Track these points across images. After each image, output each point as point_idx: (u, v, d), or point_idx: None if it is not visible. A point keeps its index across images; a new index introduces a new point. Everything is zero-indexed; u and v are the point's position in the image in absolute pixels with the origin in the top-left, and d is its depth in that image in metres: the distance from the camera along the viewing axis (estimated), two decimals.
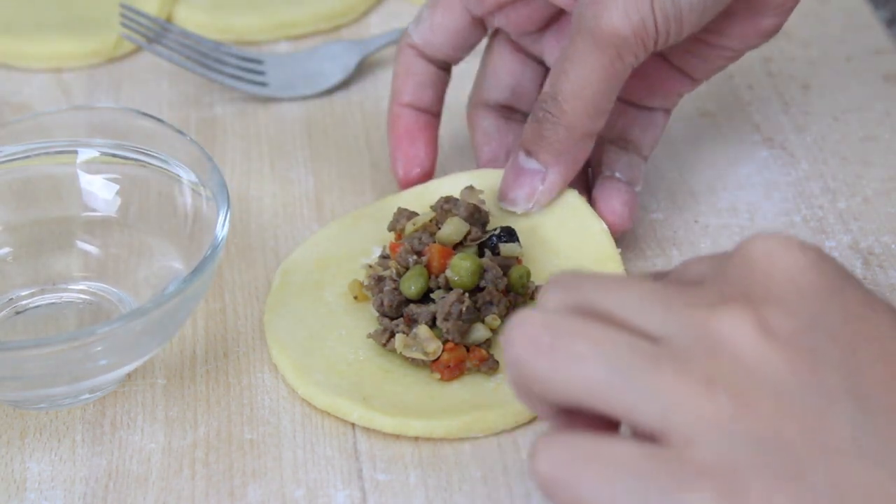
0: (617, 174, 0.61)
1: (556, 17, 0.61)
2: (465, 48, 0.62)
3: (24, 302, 0.58)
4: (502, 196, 0.59)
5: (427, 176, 0.62)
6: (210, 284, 0.56)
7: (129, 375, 0.56)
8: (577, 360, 0.41)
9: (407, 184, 0.62)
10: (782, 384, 0.40)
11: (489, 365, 0.54)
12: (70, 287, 0.58)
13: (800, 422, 0.39)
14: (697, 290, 0.42)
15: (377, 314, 0.56)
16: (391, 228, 0.58)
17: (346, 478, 0.52)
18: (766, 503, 0.39)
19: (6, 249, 0.59)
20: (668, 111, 0.62)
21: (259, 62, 0.72)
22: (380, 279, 0.56)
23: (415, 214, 0.58)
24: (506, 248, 0.57)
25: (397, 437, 0.53)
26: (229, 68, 0.71)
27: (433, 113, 0.63)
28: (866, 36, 0.74)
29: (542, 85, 0.62)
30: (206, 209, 0.56)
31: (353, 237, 0.60)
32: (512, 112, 0.63)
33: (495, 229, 0.57)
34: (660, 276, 0.46)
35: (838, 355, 0.41)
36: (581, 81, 0.55)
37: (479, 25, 0.62)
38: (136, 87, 0.73)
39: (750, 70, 0.72)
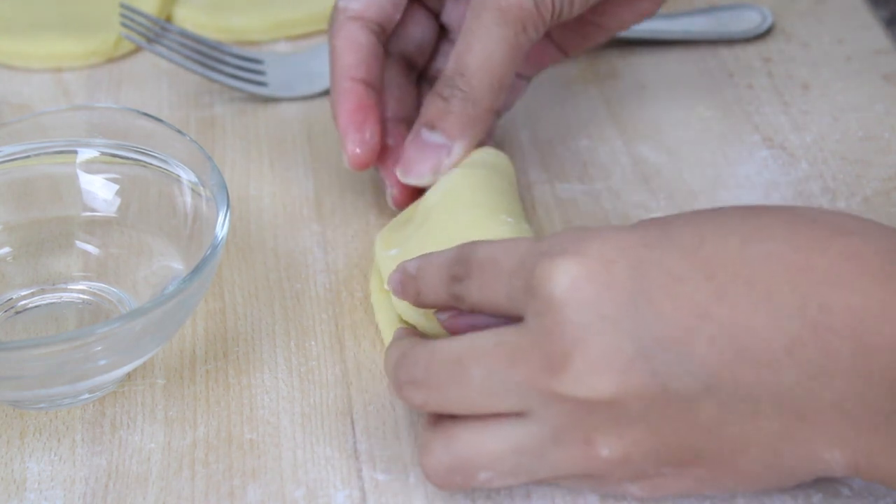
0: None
1: None
2: (400, 6, 0.62)
3: (23, 302, 0.58)
4: (406, 170, 0.59)
5: (376, 158, 0.61)
6: (210, 284, 0.56)
7: (129, 375, 0.56)
8: (487, 484, 0.48)
9: (360, 165, 0.60)
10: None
11: None
12: (70, 287, 0.58)
13: None
14: (519, 356, 0.46)
15: None
16: None
17: (346, 478, 0.52)
18: None
19: (6, 249, 0.59)
20: (530, 79, 0.65)
21: (259, 62, 0.72)
22: None
23: None
24: None
25: (397, 437, 0.53)
26: (229, 68, 0.71)
27: (379, 91, 0.61)
28: (866, 36, 0.75)
29: (436, 45, 0.63)
30: (205, 209, 0.56)
31: None
32: (410, 69, 0.64)
33: None
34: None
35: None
36: (487, 55, 0.57)
37: None
38: (136, 87, 0.73)
39: (750, 70, 0.72)
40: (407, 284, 0.51)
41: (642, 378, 0.44)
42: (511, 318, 0.47)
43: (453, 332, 0.50)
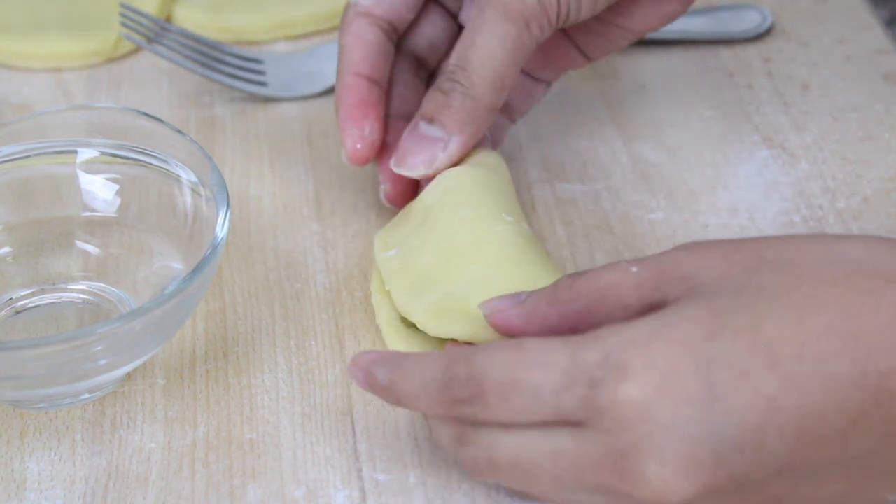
0: (486, 133, 0.62)
1: None
2: (413, 6, 0.62)
3: (23, 302, 0.58)
4: (400, 161, 0.58)
5: (375, 154, 0.61)
6: (210, 284, 0.56)
7: (129, 375, 0.56)
8: None
9: (357, 160, 0.60)
10: None
11: None
12: (70, 287, 0.58)
13: None
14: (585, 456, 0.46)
15: None
16: None
17: (346, 478, 0.52)
18: None
19: (6, 249, 0.59)
20: (549, 84, 0.64)
21: (259, 62, 0.72)
22: None
23: None
24: None
25: (397, 436, 0.53)
26: (229, 68, 0.71)
27: (384, 88, 0.61)
28: (866, 36, 0.75)
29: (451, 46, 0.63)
30: (205, 209, 0.56)
31: None
32: (420, 67, 0.64)
33: None
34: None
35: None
36: (490, 52, 0.57)
37: None
38: (136, 87, 0.73)
39: (750, 70, 0.72)
40: (378, 391, 0.49)
41: (717, 481, 0.44)
42: None
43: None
